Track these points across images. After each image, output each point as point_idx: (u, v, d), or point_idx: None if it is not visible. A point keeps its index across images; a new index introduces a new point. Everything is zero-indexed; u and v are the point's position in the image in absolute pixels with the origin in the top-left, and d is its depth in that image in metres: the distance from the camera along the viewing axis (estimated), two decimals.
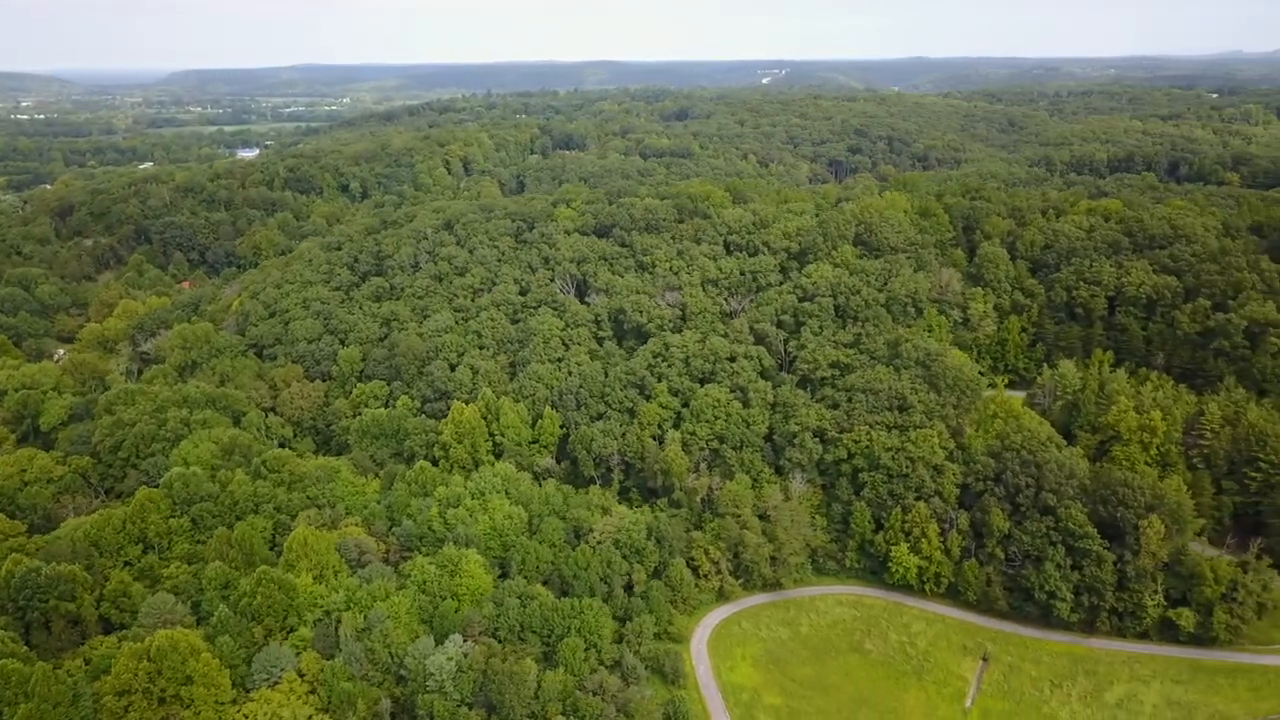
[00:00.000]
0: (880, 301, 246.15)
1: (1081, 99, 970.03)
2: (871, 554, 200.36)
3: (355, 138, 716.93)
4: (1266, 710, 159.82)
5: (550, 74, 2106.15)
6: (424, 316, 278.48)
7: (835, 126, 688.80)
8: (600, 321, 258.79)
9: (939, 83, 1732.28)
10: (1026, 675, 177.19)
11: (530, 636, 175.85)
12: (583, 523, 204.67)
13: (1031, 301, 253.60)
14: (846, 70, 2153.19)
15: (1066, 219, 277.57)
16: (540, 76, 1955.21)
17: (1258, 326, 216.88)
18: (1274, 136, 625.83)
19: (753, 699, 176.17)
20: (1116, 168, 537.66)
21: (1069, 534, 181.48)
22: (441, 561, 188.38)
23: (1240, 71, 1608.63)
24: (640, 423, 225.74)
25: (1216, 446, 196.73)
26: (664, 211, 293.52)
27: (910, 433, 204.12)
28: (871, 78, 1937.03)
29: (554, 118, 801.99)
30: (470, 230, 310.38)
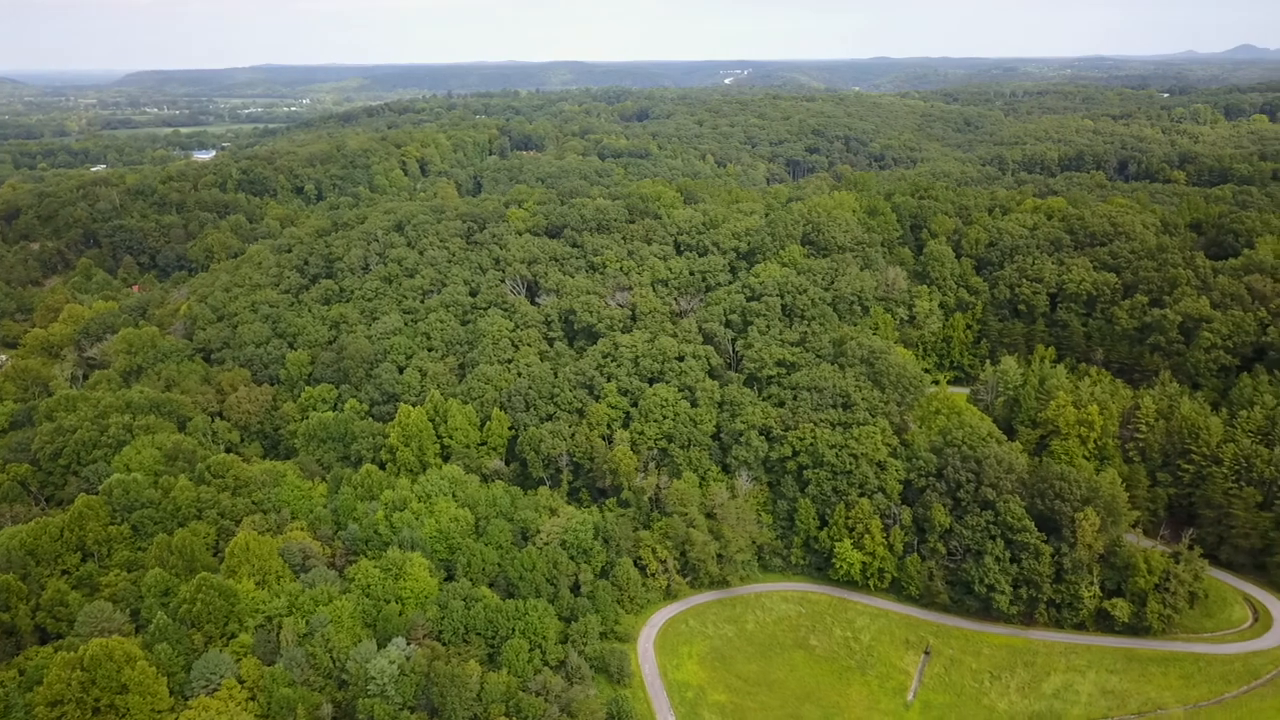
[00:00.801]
0: (826, 300, 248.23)
1: (1036, 99, 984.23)
2: (816, 550, 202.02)
3: (312, 139, 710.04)
4: (1197, 697, 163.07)
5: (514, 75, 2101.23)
6: (373, 319, 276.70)
7: (793, 126, 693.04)
8: (550, 322, 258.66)
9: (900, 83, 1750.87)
10: (967, 668, 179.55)
11: (474, 638, 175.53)
12: (530, 524, 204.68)
13: (976, 299, 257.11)
14: (809, 70, 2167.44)
15: (1011, 217, 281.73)
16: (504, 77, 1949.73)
17: (1192, 322, 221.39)
18: (1220, 136, 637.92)
19: (698, 697, 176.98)
20: (1067, 166, 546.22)
21: (1008, 528, 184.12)
22: (386, 565, 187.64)
23: (1192, 72, 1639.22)
24: (589, 423, 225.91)
25: (1151, 440, 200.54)
26: (615, 212, 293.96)
27: (854, 430, 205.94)
28: (834, 78, 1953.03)
29: (514, 118, 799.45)
30: (421, 231, 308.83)
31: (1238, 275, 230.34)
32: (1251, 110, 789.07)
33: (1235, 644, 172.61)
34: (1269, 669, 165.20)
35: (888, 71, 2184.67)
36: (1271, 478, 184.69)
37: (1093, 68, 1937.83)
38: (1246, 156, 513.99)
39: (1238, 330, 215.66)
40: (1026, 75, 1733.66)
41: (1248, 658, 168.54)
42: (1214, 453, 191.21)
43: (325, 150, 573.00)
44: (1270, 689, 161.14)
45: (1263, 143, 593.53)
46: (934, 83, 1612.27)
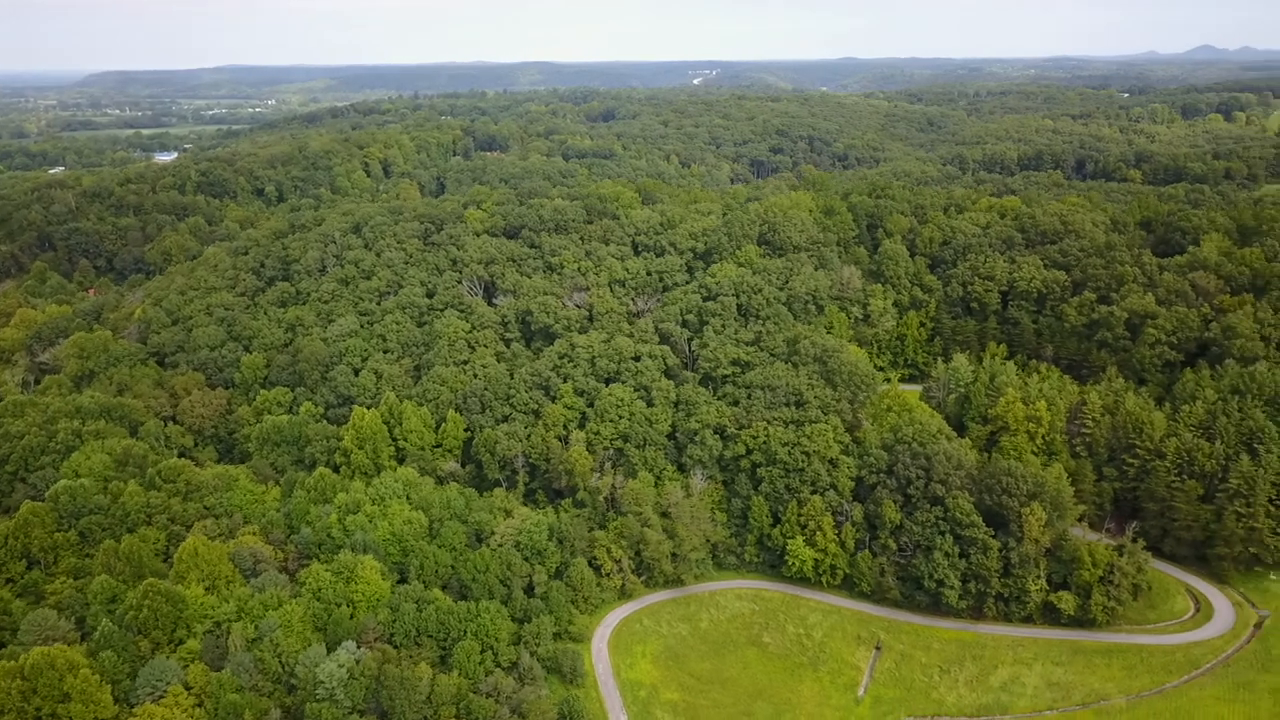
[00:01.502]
0: (781, 300, 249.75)
1: (999, 99, 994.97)
2: (770, 548, 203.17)
3: (274, 140, 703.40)
4: (1139, 688, 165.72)
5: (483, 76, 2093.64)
6: (329, 321, 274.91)
7: (757, 127, 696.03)
8: (507, 323, 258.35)
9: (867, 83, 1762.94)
10: (917, 662, 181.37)
11: (426, 641, 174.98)
12: (484, 526, 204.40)
13: (929, 297, 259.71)
14: (777, 71, 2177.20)
15: (965, 216, 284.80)
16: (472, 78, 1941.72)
17: (1138, 318, 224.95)
18: (1175, 135, 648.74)
19: (650, 695, 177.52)
20: (1026, 165, 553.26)
21: (956, 523, 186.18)
22: (337, 568, 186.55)
23: (1153, 72, 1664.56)
24: (545, 424, 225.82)
25: (1097, 435, 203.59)
26: (573, 212, 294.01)
27: (806, 428, 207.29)
28: (802, 78, 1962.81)
29: (480, 119, 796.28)
30: (378, 233, 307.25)
31: (1182, 272, 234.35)
32: (1208, 110, 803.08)
33: (1177, 635, 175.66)
34: (1209, 658, 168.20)
35: (856, 72, 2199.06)
36: (1212, 471, 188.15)
37: (1057, 68, 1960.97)
38: (1200, 155, 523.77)
39: (1182, 326, 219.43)
40: (992, 76, 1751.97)
41: (1189, 648, 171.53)
42: (1157, 447, 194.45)
43: (286, 151, 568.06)
44: (1209, 678, 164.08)
45: (1216, 142, 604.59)
46: (901, 83, 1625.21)
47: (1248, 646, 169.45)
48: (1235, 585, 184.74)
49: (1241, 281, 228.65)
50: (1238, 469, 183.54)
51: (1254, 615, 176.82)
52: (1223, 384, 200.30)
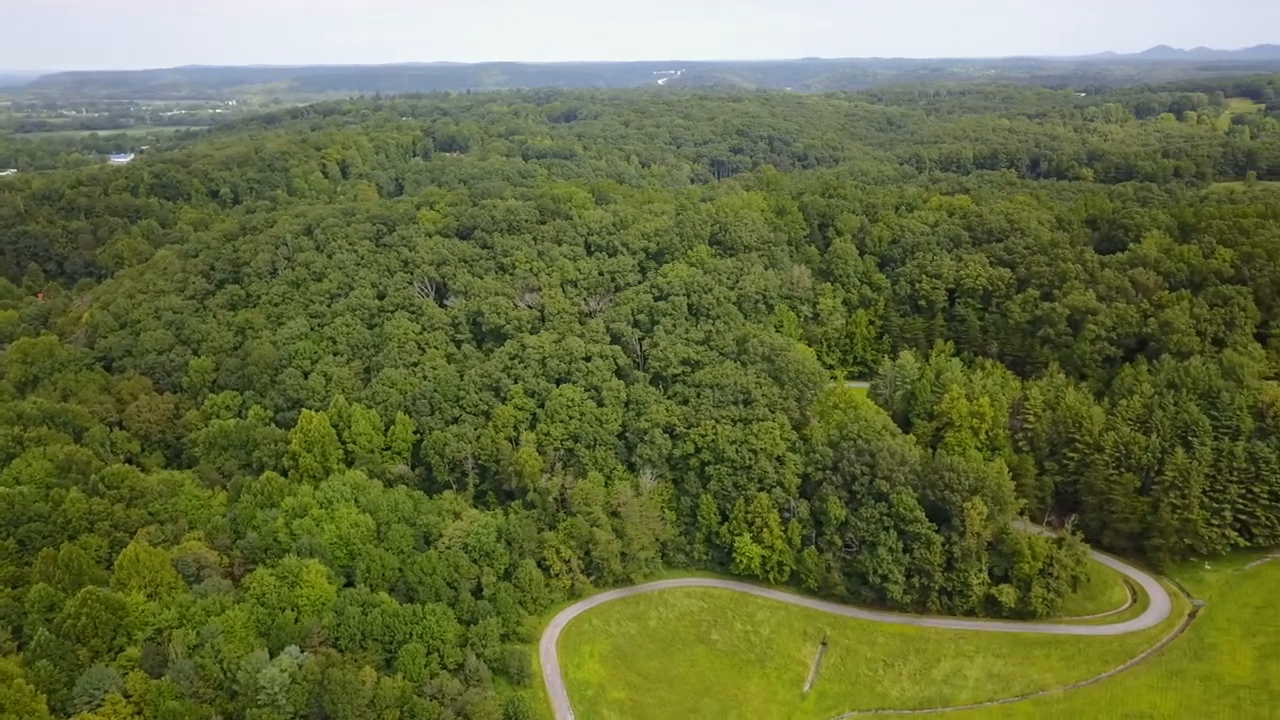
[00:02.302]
0: (732, 299, 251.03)
1: (958, 99, 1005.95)
2: (718, 545, 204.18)
3: (232, 142, 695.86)
4: (1076, 678, 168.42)
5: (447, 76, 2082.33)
6: (279, 324, 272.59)
7: (718, 127, 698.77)
8: (458, 324, 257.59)
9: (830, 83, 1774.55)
10: (862, 657, 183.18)
11: (371, 644, 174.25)
12: (433, 528, 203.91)
13: (878, 295, 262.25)
14: (742, 71, 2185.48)
15: (914, 215, 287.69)
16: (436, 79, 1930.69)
17: (1079, 314, 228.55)
18: (1128, 134, 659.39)
19: (597, 695, 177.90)
20: (982, 164, 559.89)
21: (900, 519, 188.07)
22: (282, 572, 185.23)
23: (1111, 72, 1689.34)
24: (495, 425, 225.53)
25: (1039, 429, 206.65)
26: (526, 213, 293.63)
27: (753, 425, 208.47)
28: (766, 78, 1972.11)
29: (441, 120, 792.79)
30: (330, 235, 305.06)
31: (1123, 269, 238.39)
32: (1160, 109, 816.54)
33: (1114, 625, 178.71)
34: (1143, 648, 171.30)
35: (820, 72, 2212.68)
36: (1149, 464, 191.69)
37: (1017, 68, 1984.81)
38: (1150, 154, 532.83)
39: (1121, 322, 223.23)
40: (953, 76, 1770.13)
41: (1125, 638, 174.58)
42: (1096, 441, 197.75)
43: (242, 153, 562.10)
44: (1144, 667, 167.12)
45: (1167, 141, 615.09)
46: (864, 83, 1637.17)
47: (1181, 635, 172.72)
48: (1171, 576, 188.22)
49: (1180, 278, 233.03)
50: (1173, 462, 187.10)
51: (1188, 605, 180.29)
52: (1159, 379, 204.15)
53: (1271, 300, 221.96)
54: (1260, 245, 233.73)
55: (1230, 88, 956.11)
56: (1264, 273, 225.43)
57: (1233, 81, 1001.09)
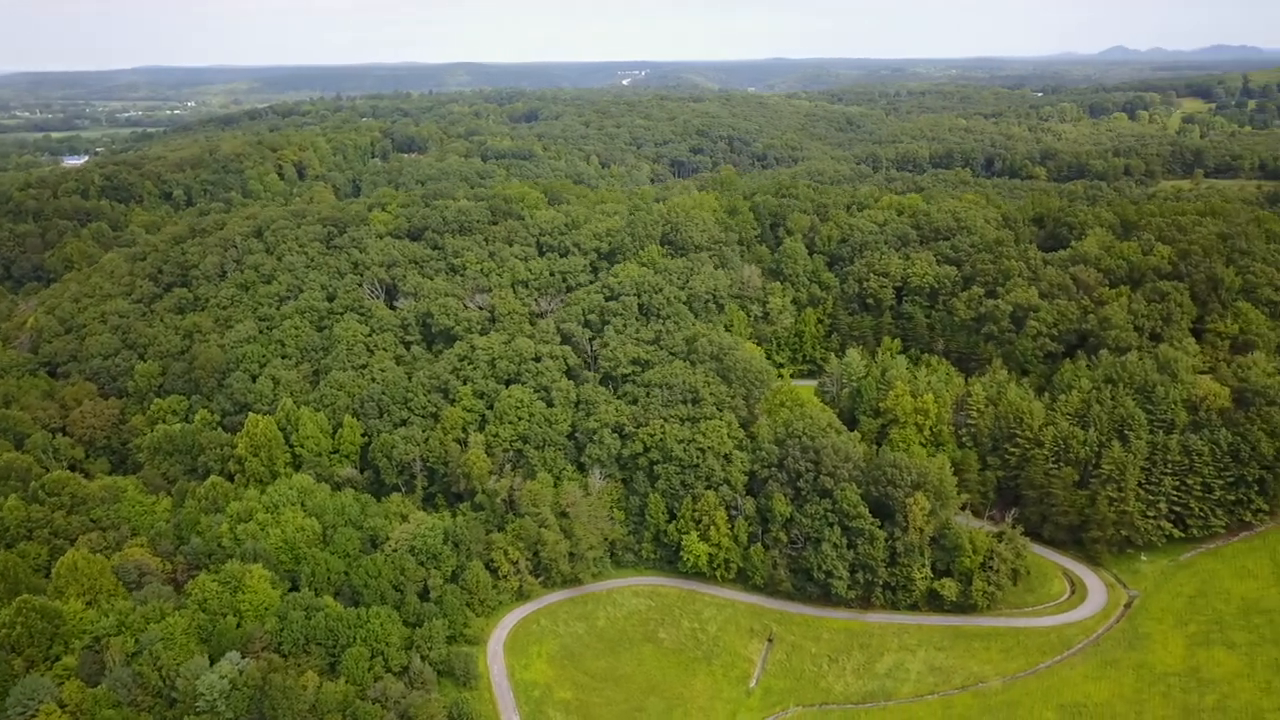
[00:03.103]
0: (682, 299, 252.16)
1: (918, 99, 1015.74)
2: (666, 544, 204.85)
3: (187, 143, 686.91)
4: (1014, 669, 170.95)
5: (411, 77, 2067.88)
6: (227, 327, 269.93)
7: (678, 127, 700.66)
8: (407, 326, 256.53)
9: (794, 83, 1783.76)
10: (807, 653, 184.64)
11: (315, 649, 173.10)
12: (380, 531, 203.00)
13: (827, 294, 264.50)
14: (707, 71, 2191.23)
15: (864, 214, 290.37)
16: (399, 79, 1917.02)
17: (1022, 311, 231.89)
18: (1081, 133, 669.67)
19: (544, 695, 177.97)
20: (938, 164, 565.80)
21: (844, 515, 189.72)
22: (224, 578, 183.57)
23: (1069, 72, 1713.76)
24: (443, 427, 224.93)
25: (982, 425, 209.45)
26: (478, 213, 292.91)
27: (701, 424, 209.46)
28: (730, 79, 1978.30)
29: (401, 120, 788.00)
30: (280, 237, 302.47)
31: (1065, 266, 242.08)
32: (1114, 109, 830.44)
33: (1052, 616, 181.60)
34: (1080, 638, 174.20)
35: (785, 72, 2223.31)
36: (1087, 458, 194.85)
37: (978, 68, 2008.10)
38: (1101, 153, 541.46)
39: (1062, 318, 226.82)
40: (915, 76, 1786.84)
41: (1062, 629, 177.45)
42: (1036, 436, 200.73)
43: (196, 154, 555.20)
44: (1080, 658, 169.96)
45: (1119, 140, 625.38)
46: (828, 83, 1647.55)
47: (1117, 626, 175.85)
48: (1108, 567, 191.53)
49: (1119, 274, 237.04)
50: (1110, 455, 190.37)
51: (1124, 595, 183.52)
52: (1097, 374, 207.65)
53: (1207, 296, 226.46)
54: (1196, 242, 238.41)
55: (1182, 88, 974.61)
56: (1199, 269, 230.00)
57: (1185, 82, 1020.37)
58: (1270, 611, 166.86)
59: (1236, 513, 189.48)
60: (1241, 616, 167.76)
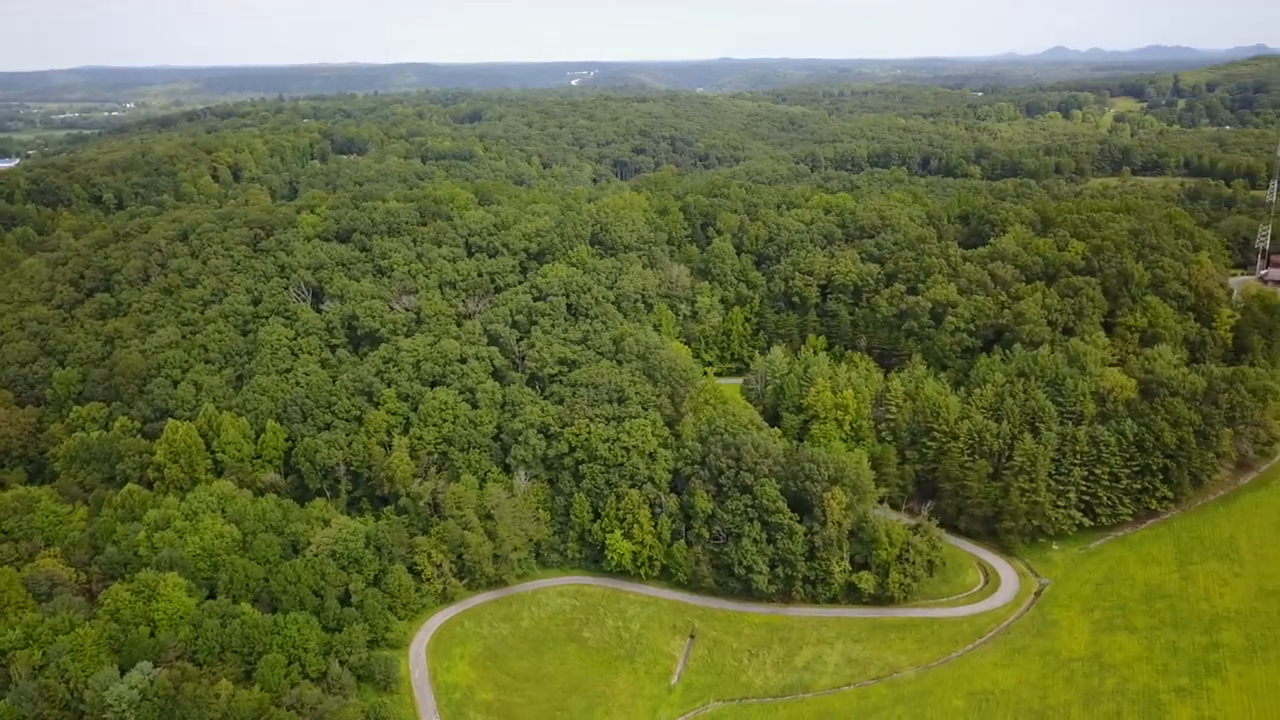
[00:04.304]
0: (610, 299, 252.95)
1: (860, 98, 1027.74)
2: (591, 543, 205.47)
3: (121, 146, 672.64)
4: (928, 659, 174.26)
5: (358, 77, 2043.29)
6: (149, 332, 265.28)
7: (621, 127, 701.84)
8: (333, 328, 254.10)
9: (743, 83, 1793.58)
10: (728, 648, 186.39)
11: (231, 656, 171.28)
12: (301, 536, 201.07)
13: (754, 293, 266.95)
14: (656, 71, 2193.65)
15: (791, 213, 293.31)
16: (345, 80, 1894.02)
17: (941, 307, 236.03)
18: (1016, 133, 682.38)
19: (465, 697, 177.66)
20: (875, 163, 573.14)
21: (764, 510, 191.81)
22: (138, 587, 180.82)
23: (1012, 72, 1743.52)
24: (367, 430, 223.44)
25: (900, 419, 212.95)
26: (407, 215, 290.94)
27: (626, 423, 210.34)
28: (679, 79, 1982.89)
29: (343, 121, 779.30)
30: (206, 240, 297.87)
31: (984, 263, 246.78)
32: (1050, 108, 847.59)
33: (966, 606, 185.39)
34: (991, 627, 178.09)
35: (733, 73, 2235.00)
36: (1000, 450, 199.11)
37: (923, 69, 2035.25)
38: (1034, 151, 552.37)
39: (979, 314, 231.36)
40: (861, 76, 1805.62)
41: (974, 618, 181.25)
42: (952, 429, 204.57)
43: (128, 157, 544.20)
44: (991, 646, 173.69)
45: (1052, 138, 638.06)
46: (775, 83, 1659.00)
47: (1027, 614, 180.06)
48: (1021, 556, 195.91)
49: (1035, 270, 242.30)
50: (1021, 447, 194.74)
51: (1035, 584, 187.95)
52: (1011, 368, 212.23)
53: (1118, 291, 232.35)
54: (1109, 238, 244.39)
55: (1116, 87, 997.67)
56: (1111, 264, 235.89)
57: (1119, 81, 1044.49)
58: (1171, 596, 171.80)
59: (1143, 501, 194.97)
60: (1144, 602, 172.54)
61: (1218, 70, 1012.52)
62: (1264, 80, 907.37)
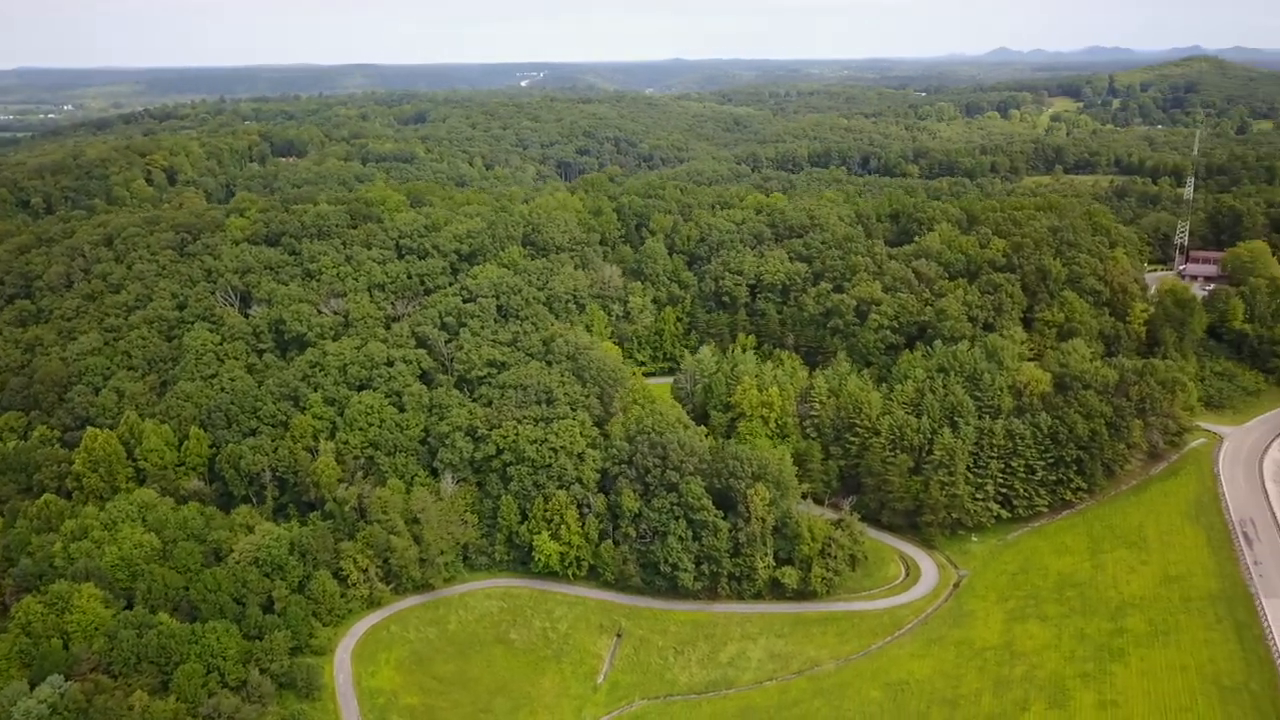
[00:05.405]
0: (541, 300, 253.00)
1: (805, 99, 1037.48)
2: (518, 545, 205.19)
3: (53, 149, 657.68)
4: (848, 652, 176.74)
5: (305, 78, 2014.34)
6: (70, 339, 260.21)
7: (565, 128, 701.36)
8: (259, 333, 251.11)
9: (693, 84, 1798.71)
10: (654, 646, 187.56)
11: (147, 667, 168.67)
12: (223, 544, 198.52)
13: (686, 293, 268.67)
14: (606, 73, 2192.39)
15: (724, 213, 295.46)
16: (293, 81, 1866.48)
17: (865, 305, 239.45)
18: (954, 132, 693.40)
19: (389, 702, 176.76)
20: (816, 162, 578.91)
21: (689, 508, 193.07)
22: (51, 599, 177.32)
23: (956, 72, 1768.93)
24: (293, 435, 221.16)
25: (824, 416, 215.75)
26: (336, 217, 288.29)
27: (554, 424, 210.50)
28: (630, 80, 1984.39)
29: (285, 123, 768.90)
30: (131, 245, 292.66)
31: (908, 260, 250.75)
32: (989, 108, 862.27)
33: (886, 599, 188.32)
34: (910, 619, 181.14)
35: (683, 74, 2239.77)
36: (920, 445, 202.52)
37: (870, 69, 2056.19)
38: (970, 151, 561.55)
39: (903, 311, 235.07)
40: (808, 77, 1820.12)
41: (894, 611, 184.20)
42: (874, 425, 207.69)
43: (58, 160, 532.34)
44: (909, 637, 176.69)
45: (989, 138, 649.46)
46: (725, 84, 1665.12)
47: (945, 605, 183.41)
48: (942, 549, 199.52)
49: (958, 267, 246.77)
50: (941, 441, 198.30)
51: (954, 575, 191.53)
52: (931, 363, 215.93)
53: (1037, 286, 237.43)
54: (1029, 236, 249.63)
55: (1054, 88, 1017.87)
56: (1030, 261, 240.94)
57: (1057, 82, 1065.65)
58: (1082, 585, 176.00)
59: (1058, 492, 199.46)
60: (1056, 590, 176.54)
61: (1151, 71, 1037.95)
62: (1195, 80, 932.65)
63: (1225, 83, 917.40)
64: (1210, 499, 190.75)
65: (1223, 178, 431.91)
